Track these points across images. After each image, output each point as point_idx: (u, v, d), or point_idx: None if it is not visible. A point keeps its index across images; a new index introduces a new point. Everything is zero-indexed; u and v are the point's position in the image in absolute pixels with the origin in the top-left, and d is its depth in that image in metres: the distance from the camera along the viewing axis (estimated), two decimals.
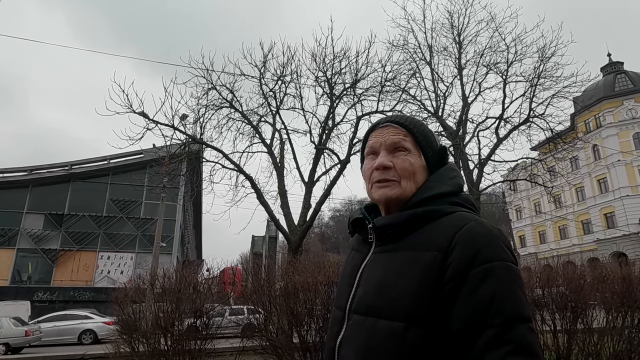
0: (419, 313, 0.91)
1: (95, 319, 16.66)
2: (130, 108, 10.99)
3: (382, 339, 0.93)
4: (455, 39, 15.05)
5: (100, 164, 32.26)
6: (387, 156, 1.11)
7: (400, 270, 0.98)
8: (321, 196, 13.34)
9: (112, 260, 30.67)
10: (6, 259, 29.15)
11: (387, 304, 0.96)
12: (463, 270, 0.90)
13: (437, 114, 15.02)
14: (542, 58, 13.71)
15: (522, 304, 0.87)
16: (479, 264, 0.89)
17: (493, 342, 0.83)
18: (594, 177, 37.81)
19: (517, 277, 0.91)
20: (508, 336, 0.83)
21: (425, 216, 1.02)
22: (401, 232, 1.03)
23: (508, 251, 0.94)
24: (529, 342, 0.83)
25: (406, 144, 1.11)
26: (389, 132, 1.13)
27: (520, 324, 0.84)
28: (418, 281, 0.93)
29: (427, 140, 1.15)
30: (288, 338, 5.31)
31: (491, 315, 0.85)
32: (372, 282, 1.02)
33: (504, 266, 0.90)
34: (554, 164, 15.75)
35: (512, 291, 0.88)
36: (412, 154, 1.11)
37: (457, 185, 1.10)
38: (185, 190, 23.15)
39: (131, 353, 5.07)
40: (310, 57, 13.45)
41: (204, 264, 16.71)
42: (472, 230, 0.94)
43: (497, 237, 0.95)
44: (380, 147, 1.13)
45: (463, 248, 0.92)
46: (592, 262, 20.91)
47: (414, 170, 1.09)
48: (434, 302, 0.91)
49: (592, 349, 4.90)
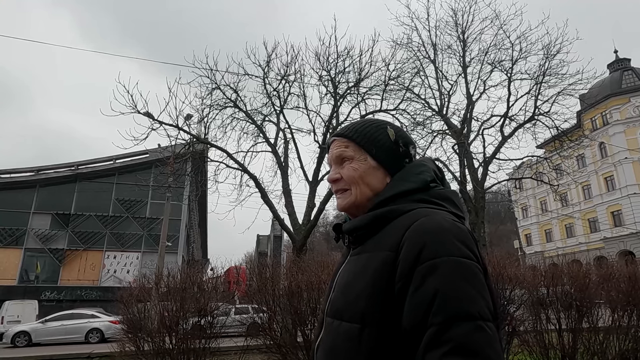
0: (373, 314, 0.90)
1: (102, 318, 16.77)
2: (135, 108, 11.05)
3: (341, 341, 0.95)
4: (459, 36, 15.00)
5: (106, 164, 32.48)
6: (336, 169, 1.15)
7: (359, 272, 0.99)
8: (325, 195, 13.34)
9: (119, 260, 30.89)
10: (14, 258, 29.43)
11: (347, 307, 0.96)
12: (409, 269, 0.88)
13: (442, 113, 14.97)
14: (548, 55, 13.63)
15: (468, 300, 0.81)
16: (423, 260, 0.87)
17: (433, 342, 0.80)
18: (600, 175, 37.51)
19: (466, 273, 0.85)
20: (448, 335, 0.78)
21: (386, 217, 1.02)
22: (367, 235, 1.04)
23: (462, 246, 0.88)
24: (471, 340, 0.77)
25: (347, 153, 1.13)
26: (333, 147, 1.17)
27: (464, 322, 0.79)
28: (372, 282, 0.93)
29: (369, 140, 1.12)
30: (292, 337, 5.32)
31: (432, 314, 0.81)
32: (340, 286, 1.05)
33: (451, 261, 0.85)
34: (560, 162, 15.65)
35: (457, 287, 0.82)
36: (357, 159, 1.12)
37: (422, 181, 1.06)
38: (190, 190, 23.26)
39: (136, 352, 5.11)
40: (314, 56, 13.45)
41: (209, 263, 16.77)
42: (420, 227, 0.92)
43: (447, 232, 0.90)
44: (330, 162, 1.18)
45: (409, 246, 0.90)
46: (599, 260, 20.76)
47: (361, 175, 1.10)
48: (386, 302, 0.90)
49: (597, 347, 4.87)
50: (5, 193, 30.43)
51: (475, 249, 0.91)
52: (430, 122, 15.49)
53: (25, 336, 16.01)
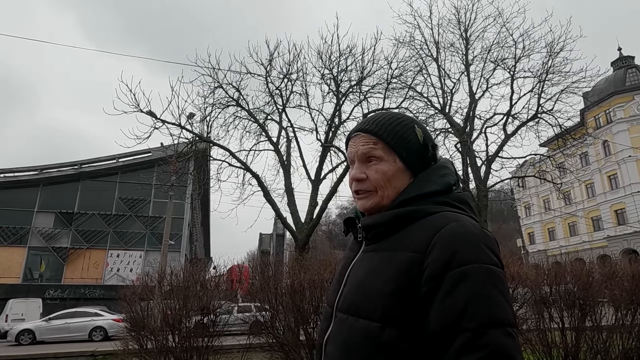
0: (395, 314, 0.91)
1: (106, 317, 16.85)
2: (138, 107, 11.05)
3: (359, 338, 0.94)
4: (462, 34, 14.91)
5: (109, 163, 32.59)
6: (361, 167, 1.10)
7: (379, 270, 0.98)
8: (328, 194, 13.33)
9: (122, 258, 31.01)
10: (18, 257, 29.61)
11: (365, 304, 0.96)
12: (439, 273, 0.88)
13: (444, 111, 14.92)
14: (551, 53, 13.53)
15: (499, 307, 0.84)
16: (456, 266, 0.88)
17: (466, 347, 0.81)
18: (604, 173, 37.38)
19: (496, 280, 0.88)
20: (482, 341, 0.81)
21: (409, 216, 1.01)
22: (386, 232, 1.03)
23: (491, 253, 0.91)
24: (504, 347, 0.81)
25: (376, 152, 1.09)
26: (359, 142, 1.11)
27: (496, 328, 0.82)
28: (395, 282, 0.93)
29: (400, 141, 1.09)
30: (295, 335, 5.33)
31: (466, 320, 0.83)
32: (355, 281, 1.03)
33: (483, 269, 0.87)
34: (563, 160, 15.57)
35: (489, 295, 0.85)
36: (385, 160, 1.08)
37: (446, 183, 1.06)
38: (192, 189, 23.29)
39: (139, 350, 5.13)
40: (316, 55, 13.43)
41: (211, 261, 16.80)
42: (451, 232, 0.92)
43: (478, 239, 0.92)
44: (354, 157, 1.12)
45: (440, 250, 0.90)
46: (602, 259, 20.68)
47: (389, 178, 1.07)
48: (410, 303, 0.90)
49: (600, 346, 4.86)
50: (9, 192, 30.58)
51: (499, 255, 0.94)
52: (432, 121, 15.44)
53: (30, 334, 16.11)
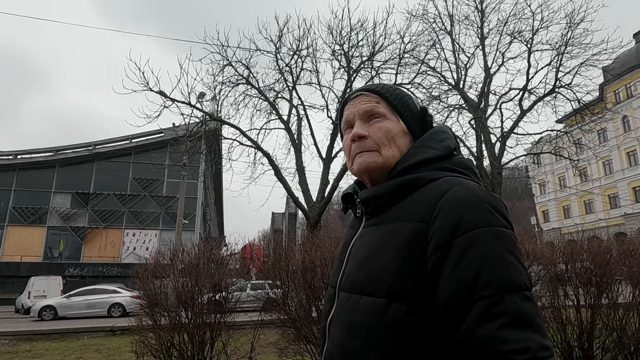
0: (402, 288, 0.84)
1: (123, 294, 17.31)
2: (147, 86, 11.03)
3: (364, 316, 0.88)
4: (477, 6, 14.41)
5: (123, 144, 32.96)
6: (362, 125, 1.04)
7: (383, 244, 0.91)
8: (339, 172, 13.26)
9: (137, 237, 31.69)
10: (38, 236, 30.48)
11: (369, 280, 0.90)
12: (447, 241, 0.82)
13: (458, 86, 14.59)
14: (570, 24, 13.02)
15: (515, 271, 0.79)
16: (463, 232, 0.81)
17: (484, 316, 0.75)
18: (622, 150, 36.50)
19: (508, 243, 0.81)
20: (501, 308, 0.75)
21: (409, 185, 0.94)
22: (387, 204, 0.96)
23: (499, 215, 0.84)
24: (524, 312, 0.75)
25: (380, 109, 1.04)
26: (360, 101, 1.06)
27: (514, 293, 0.76)
28: (400, 255, 0.87)
29: (402, 102, 1.05)
30: (306, 312, 5.37)
31: (479, 287, 0.77)
32: (357, 258, 0.97)
33: (492, 232, 0.81)
34: (581, 136, 15.17)
35: (502, 259, 0.79)
36: (389, 119, 1.03)
37: (447, 148, 1.00)
38: (205, 168, 23.45)
39: (153, 326, 5.23)
40: (327, 30, 13.18)
41: (225, 240, 17.02)
42: (455, 196, 0.86)
43: (484, 200, 0.85)
44: (354, 117, 1.06)
45: (445, 216, 0.84)
46: (619, 236, 20.37)
47: (393, 136, 1.01)
48: (417, 276, 0.84)
49: (616, 324, 4.79)
50: (26, 173, 31.27)
51: (508, 217, 0.87)
52: (446, 97, 15.14)
53: (52, 310, 16.67)
